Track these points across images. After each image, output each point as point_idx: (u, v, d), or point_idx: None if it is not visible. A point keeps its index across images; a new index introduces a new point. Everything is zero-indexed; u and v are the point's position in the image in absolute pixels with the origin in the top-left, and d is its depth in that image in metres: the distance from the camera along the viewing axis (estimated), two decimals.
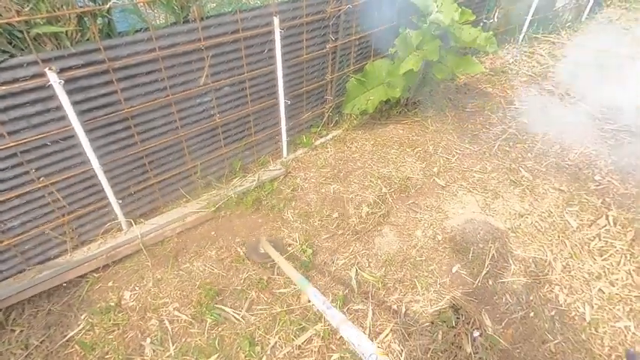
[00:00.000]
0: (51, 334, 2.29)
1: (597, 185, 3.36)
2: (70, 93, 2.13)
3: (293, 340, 2.22)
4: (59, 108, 2.12)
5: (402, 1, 3.61)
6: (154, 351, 2.16)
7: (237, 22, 2.66)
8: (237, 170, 3.31)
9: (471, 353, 2.11)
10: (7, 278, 2.38)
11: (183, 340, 2.24)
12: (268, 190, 3.24)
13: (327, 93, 3.74)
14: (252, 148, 3.40)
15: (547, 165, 3.60)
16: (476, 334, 2.16)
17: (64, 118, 2.17)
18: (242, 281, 2.55)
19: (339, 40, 3.44)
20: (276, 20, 2.81)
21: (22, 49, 1.96)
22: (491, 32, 3.78)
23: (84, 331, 2.30)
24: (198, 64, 2.63)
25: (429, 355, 2.11)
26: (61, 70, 2.05)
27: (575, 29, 6.59)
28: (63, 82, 2.05)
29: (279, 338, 2.23)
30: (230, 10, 2.61)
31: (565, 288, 2.51)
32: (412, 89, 4.09)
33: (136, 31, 2.29)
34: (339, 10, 3.25)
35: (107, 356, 2.17)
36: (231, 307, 2.40)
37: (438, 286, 2.52)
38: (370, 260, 2.72)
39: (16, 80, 1.96)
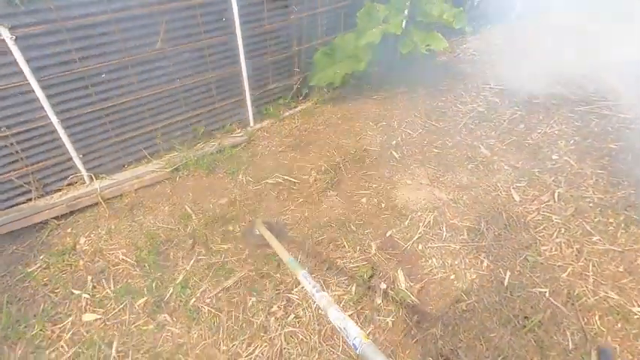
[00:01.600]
0: (11, 270, 2.54)
1: (553, 164, 3.37)
2: (24, 49, 2.31)
3: (223, 283, 2.41)
4: (13, 63, 2.32)
5: None
6: (94, 287, 2.39)
7: None
8: (200, 135, 3.48)
9: (380, 304, 2.25)
10: None
11: (125, 280, 2.46)
12: (227, 155, 3.41)
13: (294, 65, 3.84)
14: (217, 116, 3.55)
15: (509, 143, 3.62)
16: (382, 286, 2.29)
17: (19, 73, 2.36)
18: (187, 234, 2.74)
19: (304, 12, 3.51)
20: None
21: None
22: (461, 8, 3.77)
23: (40, 269, 2.54)
24: (153, 28, 2.78)
25: (341, 305, 2.26)
26: (13, 27, 2.24)
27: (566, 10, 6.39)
28: (15, 37, 2.23)
29: (209, 284, 2.42)
30: None
31: (491, 255, 2.60)
32: (381, 64, 4.13)
33: None
34: None
35: (56, 290, 2.41)
36: (173, 257, 2.61)
37: (366, 246, 2.65)
38: (312, 222, 2.86)
39: None
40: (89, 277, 2.45)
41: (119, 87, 2.84)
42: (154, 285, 2.42)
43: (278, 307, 2.29)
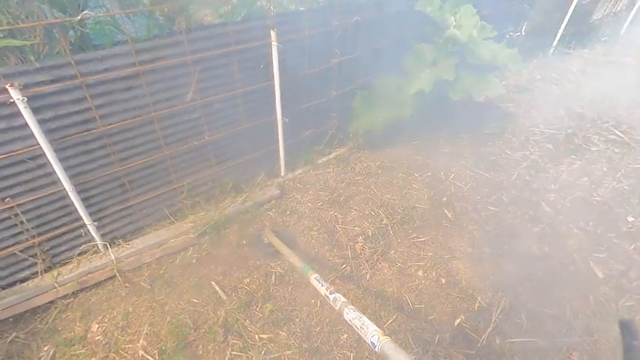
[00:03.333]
0: None
1: (630, 227, 2.95)
2: (36, 110, 1.96)
3: None
4: (24, 126, 1.96)
5: (416, 14, 3.31)
6: None
7: (228, 34, 2.44)
8: (228, 190, 3.09)
9: None
10: None
11: None
12: (258, 214, 3.01)
13: (331, 110, 3.48)
14: (247, 167, 3.17)
15: (573, 199, 3.22)
16: None
17: (30, 136, 2.00)
18: (218, 320, 2.31)
19: (346, 55, 3.18)
20: (272, 34, 2.57)
21: None
22: (515, 48, 3.42)
23: None
24: (184, 79, 2.43)
25: None
26: (26, 87, 1.88)
27: (613, 44, 6.08)
28: (26, 99, 1.87)
29: None
30: (221, 21, 2.40)
31: (585, 355, 2.16)
32: (424, 108, 3.76)
33: (114, 45, 2.10)
34: (347, 22, 2.99)
35: None
36: (202, 351, 2.18)
37: (434, 342, 2.21)
38: (361, 302, 2.43)
39: None
40: None
41: (142, 144, 2.47)
42: None
43: None
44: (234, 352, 2.18)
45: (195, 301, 2.43)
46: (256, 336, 2.24)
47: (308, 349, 2.19)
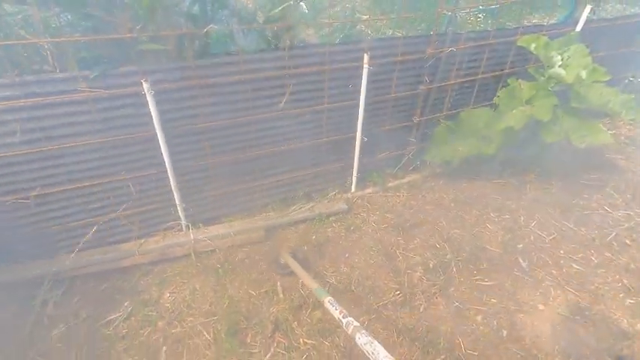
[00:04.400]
0: (97, 311, 2.50)
1: None
2: (158, 102, 2.33)
3: None
4: (147, 114, 2.34)
5: (516, 49, 3.18)
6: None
7: (324, 54, 2.63)
8: (300, 196, 3.27)
9: None
10: (80, 251, 2.70)
11: (195, 359, 2.23)
12: (323, 225, 3.12)
13: (411, 135, 3.48)
14: (319, 178, 3.33)
15: None
16: None
17: (149, 123, 2.39)
18: (269, 316, 2.45)
19: (435, 83, 3.17)
20: (365, 57, 2.70)
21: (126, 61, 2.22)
22: (633, 95, 3.07)
23: (122, 318, 2.45)
24: (279, 90, 2.67)
25: None
26: (155, 82, 2.27)
27: None
28: (153, 92, 2.25)
29: None
30: (319, 42, 2.60)
31: None
32: (512, 147, 3.54)
33: (227, 54, 2.42)
34: (441, 52, 3.00)
35: (130, 351, 2.28)
36: (250, 341, 2.32)
37: None
38: (410, 334, 2.36)
39: (118, 86, 2.23)
40: (164, 348, 2.27)
41: (234, 143, 2.77)
42: None
43: None
44: (279, 350, 2.28)
45: (253, 293, 2.60)
46: (301, 339, 2.32)
47: None
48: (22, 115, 2.09)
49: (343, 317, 1.73)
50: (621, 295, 2.61)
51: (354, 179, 3.43)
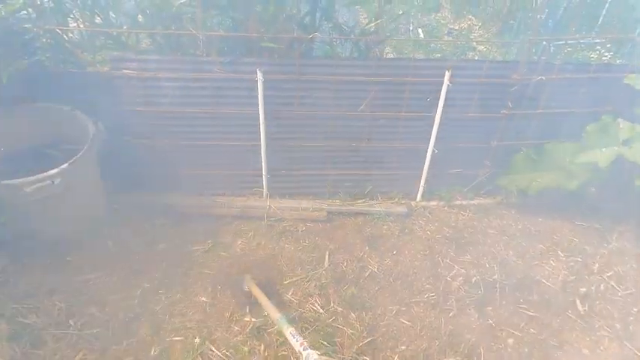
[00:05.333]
0: (187, 240, 3.18)
1: None
2: (265, 89, 2.97)
3: None
4: (255, 97, 3.01)
5: (618, 87, 3.01)
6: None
7: (409, 67, 2.97)
8: (365, 193, 3.61)
9: None
10: (187, 194, 3.50)
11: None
12: (380, 221, 3.39)
13: (487, 158, 3.52)
14: (387, 181, 3.61)
15: None
16: None
17: (256, 104, 3.04)
18: (313, 277, 2.83)
19: (518, 110, 3.20)
20: (447, 74, 2.95)
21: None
22: None
23: (202, 250, 3.10)
24: (363, 94, 3.09)
25: None
26: (266, 72, 2.91)
27: None
28: (263, 80, 2.90)
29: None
30: (406, 56, 2.96)
31: None
32: (601, 188, 3.28)
33: (325, 57, 2.95)
34: (529, 79, 3.05)
35: (205, 269, 2.89)
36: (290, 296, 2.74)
37: None
38: (432, 332, 2.47)
39: (240, 72, 2.93)
40: (233, 271, 2.85)
41: (317, 132, 3.27)
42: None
43: None
44: (313, 307, 2.64)
45: (303, 257, 3.02)
46: (333, 305, 2.64)
47: (367, 339, 2.43)
48: (177, 83, 2.93)
49: (303, 349, 1.73)
50: None
51: (421, 189, 3.62)
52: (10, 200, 2.50)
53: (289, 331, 1.88)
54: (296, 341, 1.80)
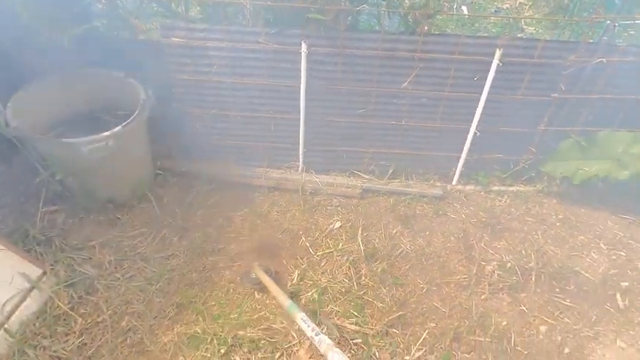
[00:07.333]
0: (225, 207, 3.31)
1: None
2: (308, 62, 2.97)
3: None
4: (299, 69, 3.01)
5: None
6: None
7: (457, 45, 2.86)
8: (400, 172, 3.58)
9: None
10: (234, 162, 3.60)
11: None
12: (418, 201, 3.37)
13: (532, 143, 3.39)
14: (424, 162, 3.56)
15: None
16: None
17: (298, 76, 3.05)
18: (346, 254, 2.90)
19: (572, 94, 3.04)
20: (497, 52, 2.83)
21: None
22: None
23: (240, 218, 3.22)
24: (407, 70, 3.03)
25: None
26: (311, 45, 2.90)
27: None
28: (307, 52, 2.90)
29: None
30: (454, 33, 2.85)
31: None
32: None
33: (371, 32, 2.90)
34: (586, 62, 2.87)
35: (241, 239, 3.02)
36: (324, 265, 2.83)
37: None
38: (463, 313, 2.49)
39: (286, 43, 2.93)
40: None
41: (357, 108, 3.25)
42: None
43: None
44: (345, 279, 2.71)
45: (335, 231, 3.08)
46: (364, 279, 2.71)
47: (397, 313, 2.49)
48: (222, 53, 2.98)
49: (316, 334, 1.70)
50: None
51: (458, 172, 3.55)
52: (69, 159, 2.70)
53: (300, 317, 1.86)
54: (307, 326, 1.79)
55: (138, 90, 2.88)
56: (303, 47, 2.87)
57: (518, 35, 5.13)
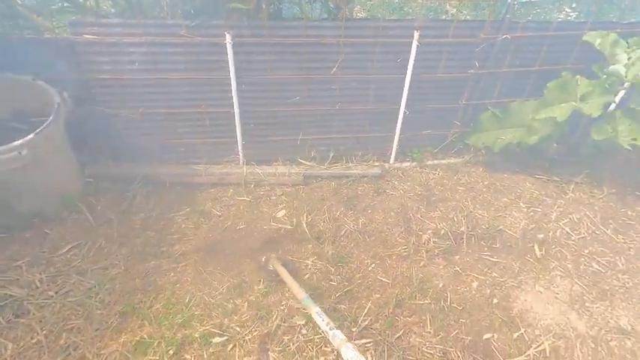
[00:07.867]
0: (166, 208, 3.21)
1: None
2: (235, 53, 2.94)
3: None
4: (225, 61, 2.97)
5: (579, 45, 3.14)
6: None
7: (377, 28, 2.98)
8: (339, 156, 3.69)
9: None
10: (164, 163, 3.49)
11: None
12: (354, 182, 3.50)
13: (456, 117, 3.65)
14: (361, 144, 3.70)
15: None
16: None
17: (226, 69, 3.01)
18: (298, 241, 2.96)
19: (485, 69, 3.30)
20: (416, 34, 2.98)
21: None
22: None
23: (181, 217, 3.14)
24: (334, 57, 3.10)
25: None
26: (235, 36, 2.87)
27: None
28: (232, 43, 2.86)
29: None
30: (374, 17, 2.96)
31: None
32: (562, 143, 3.48)
33: (294, 19, 2.92)
34: (494, 38, 3.12)
35: (185, 239, 2.96)
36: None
37: (451, 339, 2.29)
38: (405, 281, 2.66)
39: (208, 35, 2.87)
40: (209, 236, 2.93)
41: (290, 97, 3.28)
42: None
43: None
44: (295, 264, 2.77)
45: (281, 219, 3.12)
46: (312, 260, 2.78)
47: (344, 289, 2.60)
48: (142, 49, 2.85)
49: (330, 329, 1.71)
50: (635, 300, 2.56)
51: (394, 151, 3.73)
52: None
53: (315, 311, 1.85)
54: (322, 320, 1.78)
55: (50, 93, 2.68)
56: (228, 38, 2.83)
57: (442, 17, 5.45)
